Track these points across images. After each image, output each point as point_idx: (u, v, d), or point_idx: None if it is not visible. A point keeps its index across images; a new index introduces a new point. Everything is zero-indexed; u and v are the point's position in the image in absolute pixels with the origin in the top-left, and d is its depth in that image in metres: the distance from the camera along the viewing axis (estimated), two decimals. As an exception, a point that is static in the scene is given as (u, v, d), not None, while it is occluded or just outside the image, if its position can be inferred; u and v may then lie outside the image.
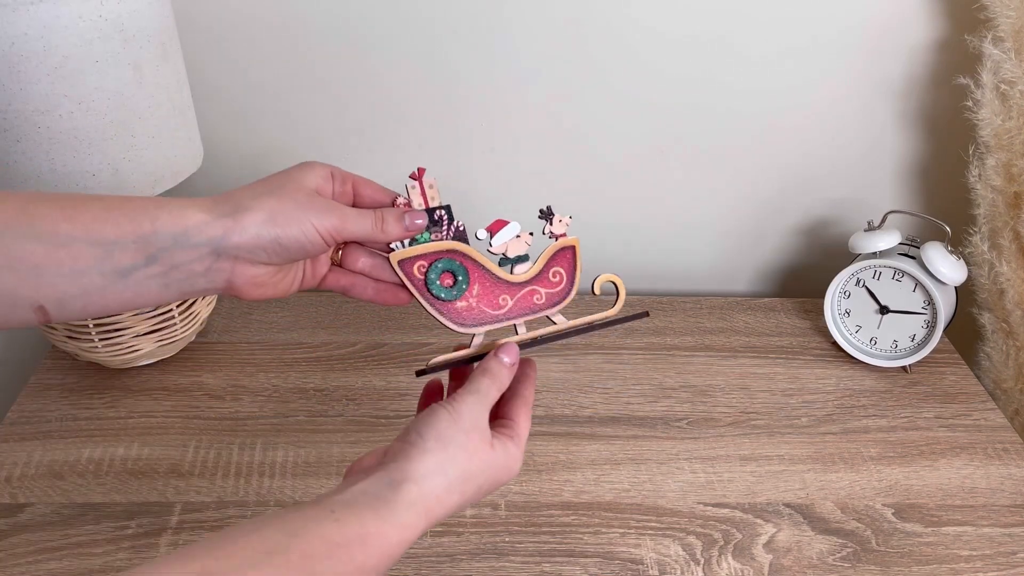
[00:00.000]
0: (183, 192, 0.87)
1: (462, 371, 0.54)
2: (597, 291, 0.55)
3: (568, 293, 0.55)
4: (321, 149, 0.87)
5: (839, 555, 0.63)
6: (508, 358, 0.51)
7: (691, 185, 0.91)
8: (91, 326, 0.70)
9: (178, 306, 0.74)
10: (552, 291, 0.54)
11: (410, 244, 0.51)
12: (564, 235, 0.55)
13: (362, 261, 0.52)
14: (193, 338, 0.80)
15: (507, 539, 0.63)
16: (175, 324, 0.74)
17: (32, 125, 0.61)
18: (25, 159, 0.62)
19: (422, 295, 0.52)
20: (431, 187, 0.52)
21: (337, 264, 0.53)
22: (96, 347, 0.72)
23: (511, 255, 0.54)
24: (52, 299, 0.42)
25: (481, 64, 0.83)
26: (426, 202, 0.52)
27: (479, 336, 0.53)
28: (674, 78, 0.84)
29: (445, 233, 0.52)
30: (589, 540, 0.63)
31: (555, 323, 0.54)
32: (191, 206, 0.44)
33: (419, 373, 0.54)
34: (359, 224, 0.48)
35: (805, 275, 0.98)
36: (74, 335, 0.72)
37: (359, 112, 0.86)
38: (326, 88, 0.84)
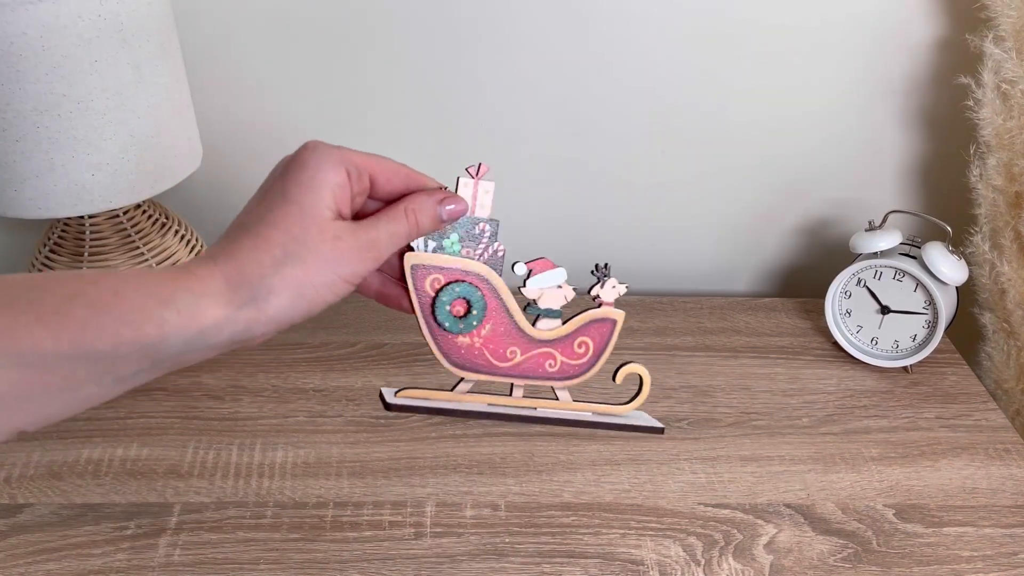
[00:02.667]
0: (183, 191, 0.87)
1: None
2: (619, 380, 0.47)
3: (588, 370, 0.46)
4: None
5: (840, 556, 0.63)
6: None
7: (692, 185, 0.91)
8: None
9: (177, 306, 0.73)
10: (570, 362, 0.46)
11: (435, 247, 0.43)
12: (611, 304, 0.46)
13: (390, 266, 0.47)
14: (192, 338, 0.79)
15: (507, 540, 0.63)
16: (174, 324, 0.74)
17: (31, 124, 0.61)
18: (24, 159, 0.62)
19: (424, 315, 0.44)
20: (487, 192, 0.44)
21: None
22: None
23: (542, 305, 0.45)
24: (39, 421, 0.35)
25: (482, 63, 0.83)
26: (473, 208, 0.44)
27: (466, 384, 0.45)
28: (675, 78, 0.84)
29: (480, 253, 0.44)
30: (589, 541, 0.63)
31: (557, 399, 0.46)
32: (203, 299, 0.36)
33: (387, 407, 0.46)
34: (394, 237, 0.41)
35: (806, 275, 0.98)
36: (73, 335, 0.71)
37: (359, 112, 0.85)
38: (326, 87, 0.84)
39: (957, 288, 0.82)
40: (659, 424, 0.48)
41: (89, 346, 0.34)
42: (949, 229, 0.79)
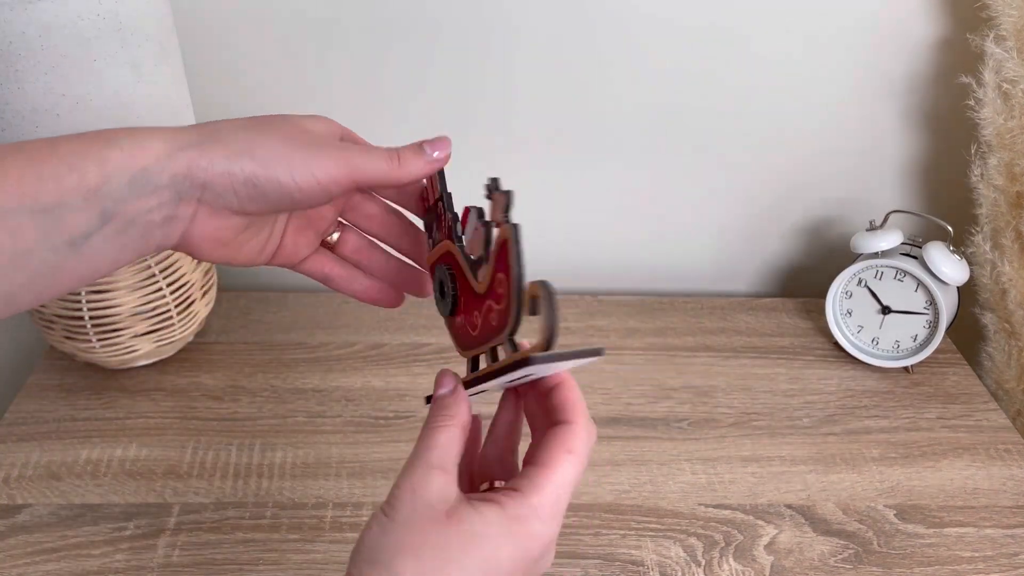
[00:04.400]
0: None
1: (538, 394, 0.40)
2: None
3: (507, 314, 0.37)
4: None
5: (841, 556, 0.63)
6: (443, 388, 0.39)
7: (692, 185, 0.91)
8: (89, 327, 0.70)
9: (176, 306, 0.73)
10: (501, 308, 0.38)
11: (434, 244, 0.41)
12: (502, 224, 0.37)
13: (361, 253, 0.45)
14: (191, 338, 0.79)
15: (507, 540, 0.63)
16: (173, 324, 0.74)
17: (30, 124, 0.61)
18: (22, 158, 0.62)
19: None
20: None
21: (328, 247, 0.45)
22: (94, 347, 0.72)
23: (474, 255, 0.40)
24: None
25: (481, 63, 0.83)
26: (432, 193, 0.43)
27: (482, 360, 0.40)
28: (675, 77, 0.84)
29: (440, 227, 0.41)
30: (589, 541, 0.63)
31: (498, 357, 0.39)
32: (149, 136, 0.35)
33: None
34: (369, 160, 0.38)
35: (806, 275, 0.97)
36: (72, 335, 0.71)
37: (359, 112, 0.85)
38: (326, 87, 0.84)
39: (958, 288, 0.82)
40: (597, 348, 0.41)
41: (32, 198, 0.32)
42: (950, 229, 0.79)
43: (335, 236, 0.44)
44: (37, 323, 0.73)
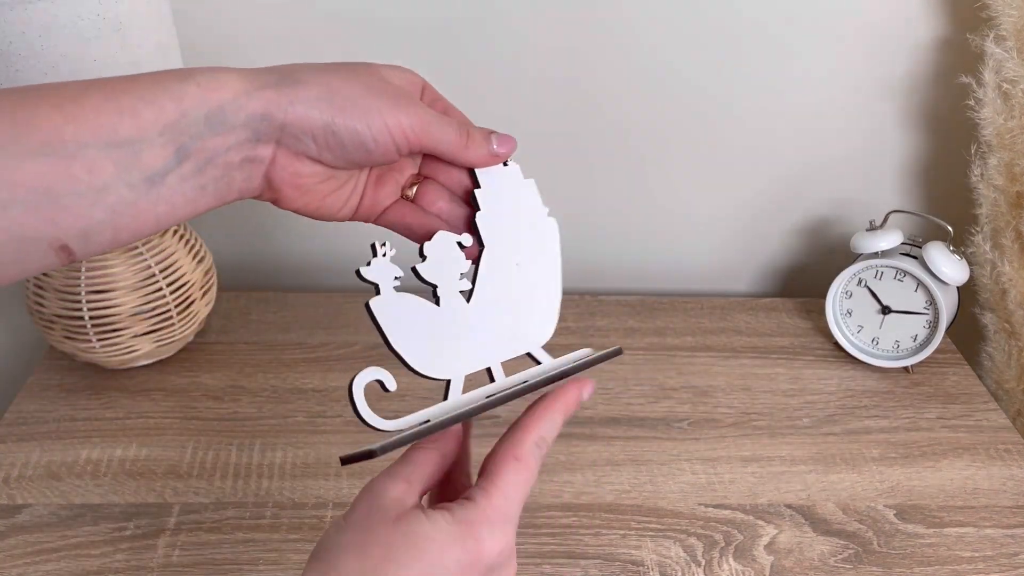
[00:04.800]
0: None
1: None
2: None
3: None
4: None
5: (841, 556, 0.63)
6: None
7: (692, 184, 0.91)
8: (89, 327, 0.70)
9: (176, 306, 0.73)
10: None
11: None
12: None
13: (440, 204, 0.43)
14: (191, 338, 0.79)
15: (507, 540, 0.63)
16: (173, 324, 0.74)
17: (29, 124, 0.61)
18: (22, 158, 0.62)
19: None
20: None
21: (408, 199, 0.43)
22: (94, 347, 0.72)
23: None
24: (75, 232, 0.32)
25: (480, 63, 0.83)
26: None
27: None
28: (675, 77, 0.84)
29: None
30: (589, 541, 0.63)
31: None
32: (226, 73, 0.34)
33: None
34: (442, 130, 0.38)
35: (806, 275, 0.97)
36: (72, 335, 0.71)
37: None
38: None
39: (958, 288, 0.82)
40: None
41: (109, 131, 0.32)
42: (950, 229, 0.79)
43: (414, 189, 0.43)
44: (37, 323, 0.73)
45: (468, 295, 0.42)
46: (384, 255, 0.40)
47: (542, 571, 0.61)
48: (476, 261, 0.43)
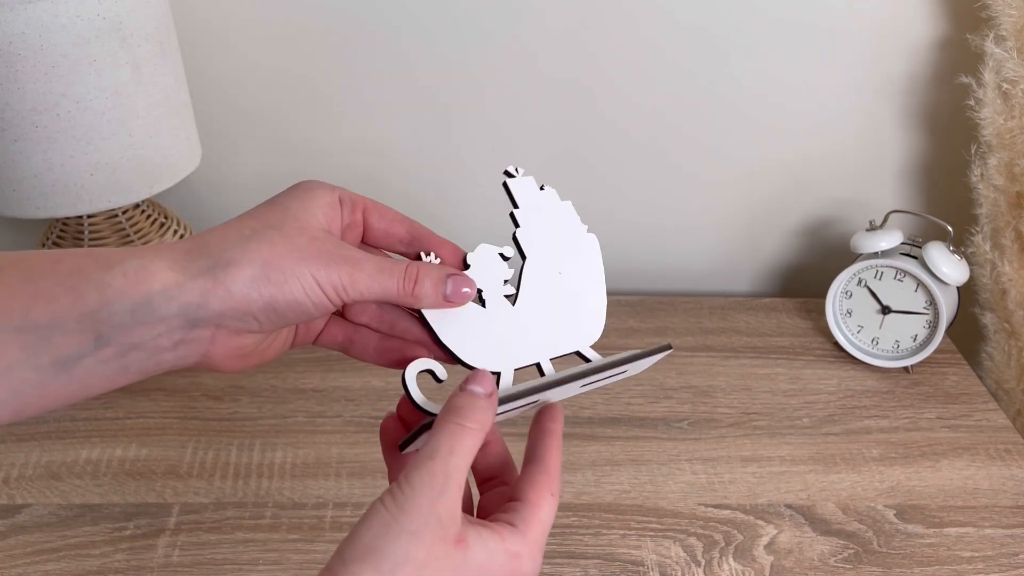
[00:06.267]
0: (182, 191, 0.87)
1: None
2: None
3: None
4: (319, 148, 0.87)
5: (840, 556, 0.63)
6: (480, 387, 0.37)
7: (692, 184, 0.91)
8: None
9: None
10: None
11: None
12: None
13: (369, 312, 0.42)
14: (192, 338, 0.79)
15: (507, 540, 0.63)
16: (173, 324, 0.74)
17: (30, 124, 0.61)
18: (23, 158, 0.62)
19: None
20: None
21: (338, 314, 0.42)
22: None
23: None
24: None
25: (479, 62, 0.83)
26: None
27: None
28: (674, 77, 0.84)
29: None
30: (589, 541, 0.63)
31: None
32: (155, 260, 0.33)
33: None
34: (380, 283, 0.36)
35: (806, 275, 0.97)
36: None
37: (360, 110, 0.85)
38: (325, 87, 0.84)
39: (958, 288, 0.82)
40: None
41: (21, 315, 0.30)
42: (950, 229, 0.79)
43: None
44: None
45: (513, 300, 0.44)
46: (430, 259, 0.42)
47: (542, 571, 0.60)
48: (519, 272, 0.44)
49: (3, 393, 0.31)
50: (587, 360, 0.48)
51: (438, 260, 0.41)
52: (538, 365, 0.45)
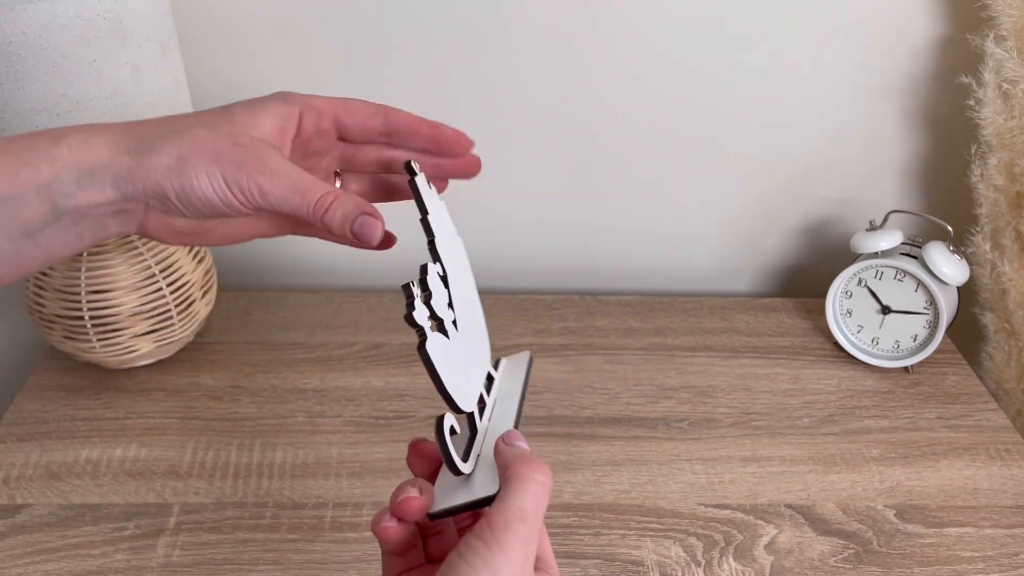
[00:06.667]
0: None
1: None
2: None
3: None
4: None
5: (841, 556, 0.63)
6: (525, 444, 0.37)
7: (691, 185, 0.91)
8: (89, 327, 0.70)
9: (176, 306, 0.73)
10: None
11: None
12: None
13: (362, 192, 0.45)
14: (191, 338, 0.79)
15: (507, 540, 0.63)
16: (173, 324, 0.74)
17: (29, 124, 0.61)
18: (22, 158, 0.62)
19: None
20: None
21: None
22: (94, 347, 0.72)
23: None
24: None
25: (479, 62, 0.83)
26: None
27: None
28: (674, 77, 0.84)
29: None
30: (589, 541, 0.63)
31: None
32: (94, 136, 0.37)
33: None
34: (291, 200, 0.37)
35: (806, 275, 0.97)
36: (72, 335, 0.71)
37: (358, 111, 0.85)
38: (324, 87, 0.84)
39: (958, 288, 0.82)
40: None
41: None
42: (950, 229, 0.79)
43: (337, 184, 0.43)
44: (37, 323, 0.73)
45: (455, 324, 0.40)
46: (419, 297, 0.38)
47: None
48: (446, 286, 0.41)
49: None
50: (491, 379, 0.44)
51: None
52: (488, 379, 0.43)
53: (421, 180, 0.42)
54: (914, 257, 0.79)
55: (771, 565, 0.62)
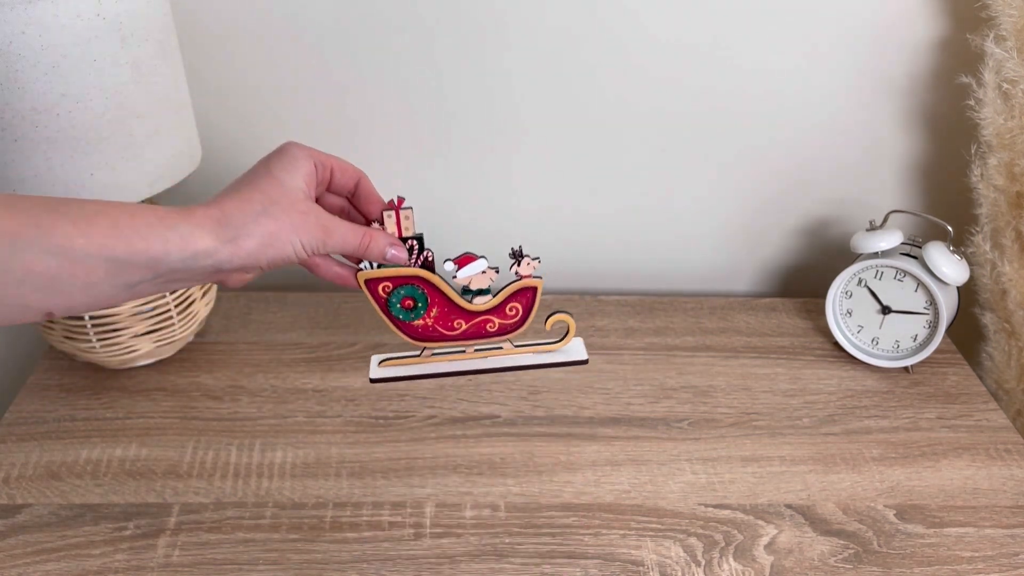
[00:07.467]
0: (183, 190, 0.87)
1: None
2: (548, 327, 0.59)
3: (519, 326, 0.58)
4: (318, 148, 0.87)
5: (841, 556, 0.63)
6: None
7: (692, 185, 0.91)
8: (89, 327, 0.70)
9: (176, 306, 0.73)
10: (506, 322, 0.58)
11: (379, 266, 0.55)
12: (529, 276, 0.57)
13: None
14: (191, 338, 0.79)
15: (507, 540, 0.63)
16: (173, 324, 0.74)
17: (30, 124, 0.60)
18: (23, 158, 0.62)
19: (383, 311, 0.57)
20: (407, 218, 0.54)
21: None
22: (94, 347, 0.72)
23: (473, 287, 0.57)
24: (62, 308, 0.44)
25: (480, 64, 0.83)
26: (400, 231, 0.55)
27: (429, 351, 0.59)
28: (675, 77, 0.84)
29: (413, 261, 0.55)
30: (589, 542, 0.63)
31: (500, 348, 0.59)
32: (197, 229, 0.46)
33: (372, 380, 0.58)
34: (344, 242, 0.51)
35: (806, 275, 0.97)
36: (72, 335, 0.71)
37: (357, 112, 0.85)
38: (324, 87, 0.84)
39: (958, 288, 0.82)
40: (584, 356, 0.60)
41: (110, 250, 0.43)
42: (950, 229, 0.79)
43: None
44: (37, 323, 0.73)
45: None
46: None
47: (542, 571, 0.61)
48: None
49: (86, 299, 0.44)
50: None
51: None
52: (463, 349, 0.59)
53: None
54: (914, 257, 0.79)
55: (771, 565, 0.62)
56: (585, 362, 0.60)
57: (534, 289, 0.58)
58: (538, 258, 0.57)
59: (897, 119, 0.88)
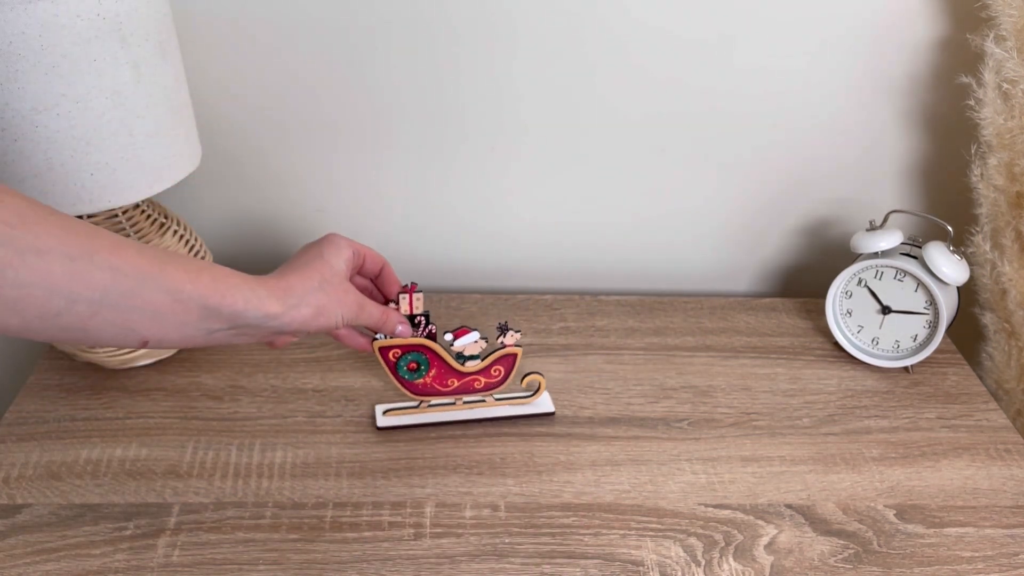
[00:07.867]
0: (182, 191, 0.87)
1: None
2: (524, 384, 0.74)
3: (502, 383, 0.72)
4: (318, 148, 0.87)
5: (841, 556, 0.63)
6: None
7: (692, 185, 0.91)
8: (89, 326, 0.70)
9: (176, 306, 0.73)
10: (491, 381, 0.72)
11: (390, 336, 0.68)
12: (512, 345, 0.71)
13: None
14: (192, 338, 0.79)
15: (507, 540, 0.63)
16: (173, 324, 0.74)
17: (30, 124, 0.61)
18: (23, 158, 0.62)
19: (391, 372, 0.70)
20: (418, 299, 0.67)
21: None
22: (94, 347, 0.71)
23: (467, 354, 0.70)
24: (156, 338, 0.50)
25: (481, 65, 0.83)
26: (411, 310, 0.68)
27: (426, 403, 0.72)
28: (675, 78, 0.84)
29: (420, 332, 0.68)
30: (589, 541, 0.63)
31: (483, 401, 0.74)
32: (270, 296, 0.55)
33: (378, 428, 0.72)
34: (371, 318, 0.64)
35: (806, 275, 0.97)
36: (72, 335, 0.71)
37: (357, 112, 0.85)
38: (324, 88, 0.84)
39: (958, 288, 0.82)
40: (552, 409, 0.75)
41: (207, 298, 0.51)
42: (950, 229, 0.79)
43: None
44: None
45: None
46: None
47: (542, 571, 0.61)
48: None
49: (176, 336, 0.51)
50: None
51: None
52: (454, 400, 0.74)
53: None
54: (914, 257, 0.80)
55: (771, 565, 0.62)
56: (552, 414, 0.74)
57: (515, 355, 0.71)
58: (519, 331, 0.71)
59: (897, 119, 0.88)
